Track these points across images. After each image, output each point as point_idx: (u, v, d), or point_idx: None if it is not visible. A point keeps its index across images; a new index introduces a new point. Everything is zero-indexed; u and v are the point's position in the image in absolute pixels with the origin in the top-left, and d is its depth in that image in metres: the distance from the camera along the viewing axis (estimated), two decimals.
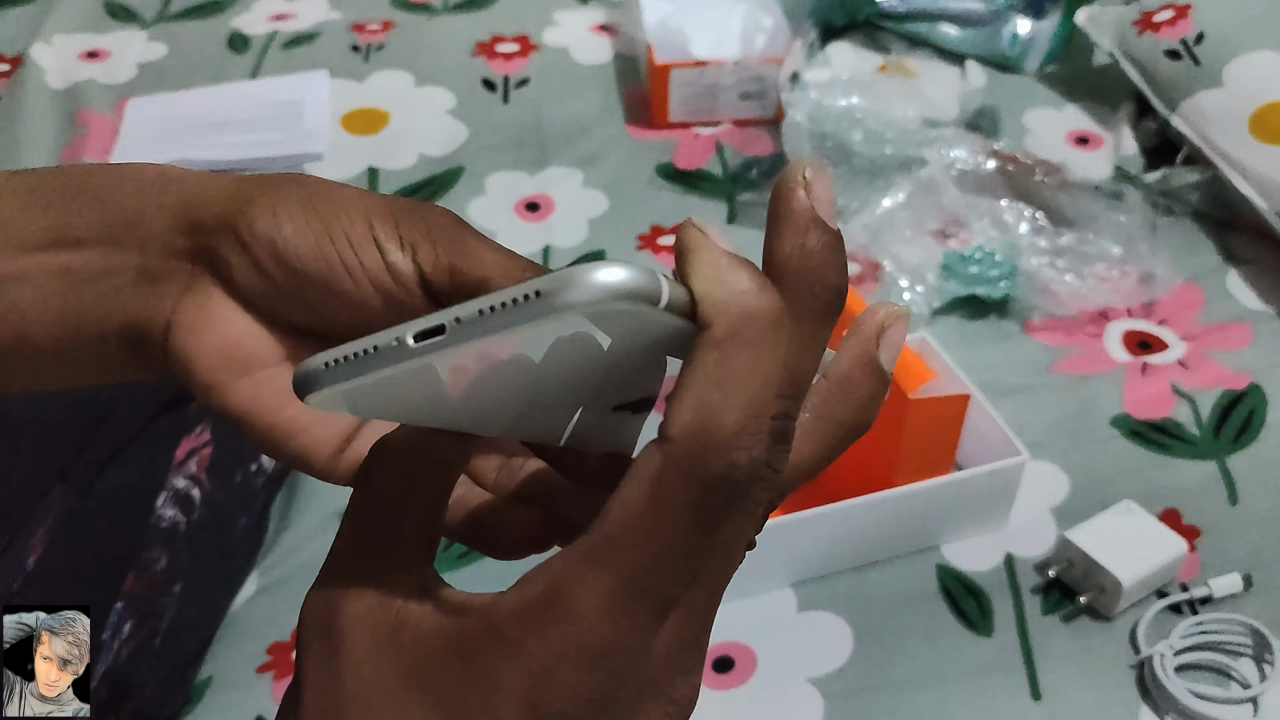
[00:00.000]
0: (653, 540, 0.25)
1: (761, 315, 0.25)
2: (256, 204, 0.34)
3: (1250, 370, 0.88)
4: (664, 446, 0.25)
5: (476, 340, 0.25)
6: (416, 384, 0.27)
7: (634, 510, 0.25)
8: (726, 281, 0.25)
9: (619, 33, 1.30)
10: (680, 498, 0.25)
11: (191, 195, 0.35)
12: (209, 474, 0.73)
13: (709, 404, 0.25)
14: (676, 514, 0.25)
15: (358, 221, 0.33)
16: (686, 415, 0.25)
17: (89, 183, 0.36)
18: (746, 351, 0.25)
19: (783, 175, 0.27)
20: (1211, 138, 1.01)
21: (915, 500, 0.74)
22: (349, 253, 0.33)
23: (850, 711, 0.68)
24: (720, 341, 0.25)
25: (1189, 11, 1.08)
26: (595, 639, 0.26)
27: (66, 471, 0.67)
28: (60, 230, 0.35)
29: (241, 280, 0.34)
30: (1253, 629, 0.70)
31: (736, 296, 0.25)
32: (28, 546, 0.63)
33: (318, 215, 0.34)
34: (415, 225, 0.34)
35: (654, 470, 0.25)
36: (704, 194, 1.09)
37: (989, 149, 1.02)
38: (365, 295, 0.34)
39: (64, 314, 0.35)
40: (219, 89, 1.22)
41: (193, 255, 0.35)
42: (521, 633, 0.26)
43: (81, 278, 0.35)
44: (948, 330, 0.93)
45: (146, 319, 0.35)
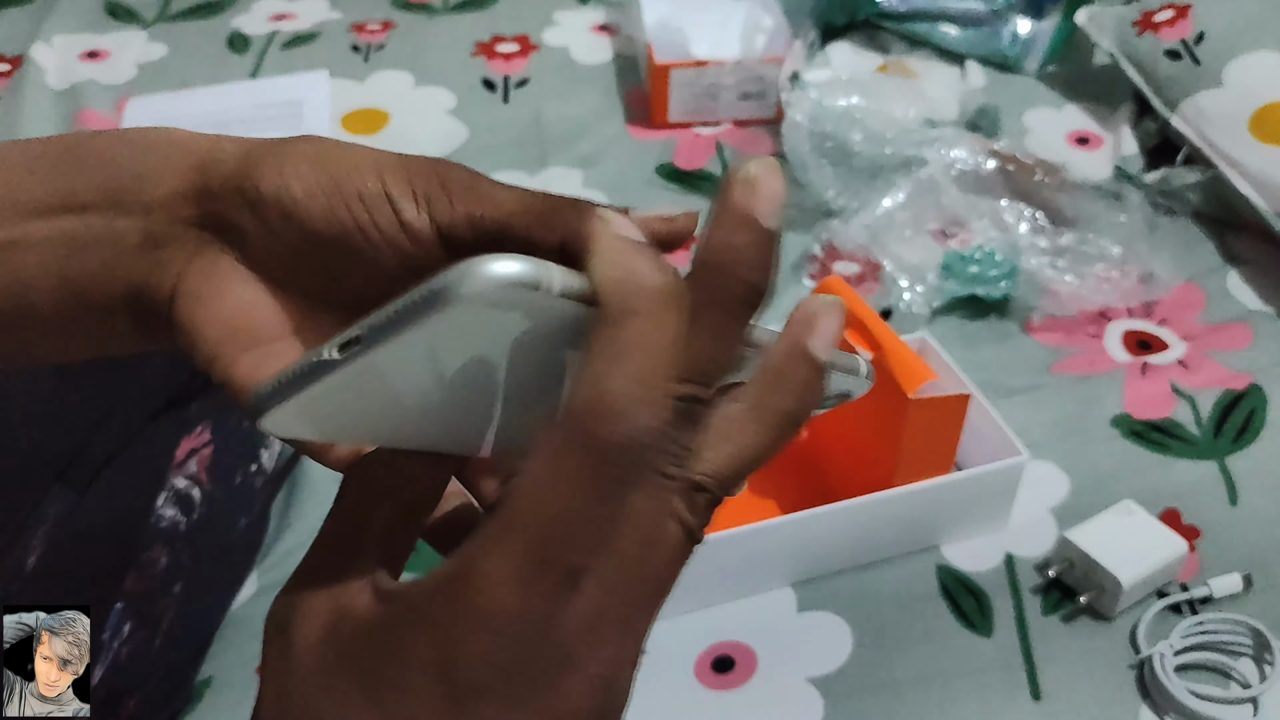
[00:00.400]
0: (551, 508, 0.26)
1: (652, 291, 0.26)
2: (264, 165, 0.33)
3: (1250, 370, 0.88)
4: (561, 419, 0.26)
5: (390, 342, 0.26)
6: (357, 398, 0.28)
7: (534, 481, 0.26)
8: (621, 263, 0.26)
9: (619, 33, 1.30)
10: (575, 465, 0.26)
11: (198, 158, 0.34)
12: (209, 474, 0.73)
13: (599, 375, 0.26)
14: (573, 481, 0.26)
15: (369, 178, 0.33)
16: (580, 389, 0.26)
17: (94, 146, 0.35)
18: (636, 324, 0.26)
19: (730, 170, 0.28)
20: (1211, 138, 1.01)
21: (915, 500, 0.74)
22: (361, 211, 0.33)
23: (850, 711, 0.68)
24: (612, 317, 0.26)
25: (1189, 11, 1.08)
26: (500, 607, 0.26)
27: (66, 471, 0.67)
28: (64, 195, 0.34)
29: (251, 245, 0.34)
30: (1253, 629, 0.70)
31: (629, 275, 0.26)
32: (28, 546, 0.63)
33: (328, 174, 0.33)
34: (429, 178, 0.33)
35: (552, 443, 0.26)
36: (704, 194, 1.09)
37: (989, 149, 1.01)
38: (380, 255, 0.33)
39: (66, 280, 0.35)
40: (219, 89, 1.22)
41: (200, 220, 0.34)
42: (433, 606, 0.27)
43: (84, 242, 0.34)
44: (948, 330, 0.93)
45: (152, 286, 0.35)
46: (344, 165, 0.33)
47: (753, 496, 0.80)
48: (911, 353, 0.73)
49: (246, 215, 0.33)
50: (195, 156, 0.34)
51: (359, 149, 0.34)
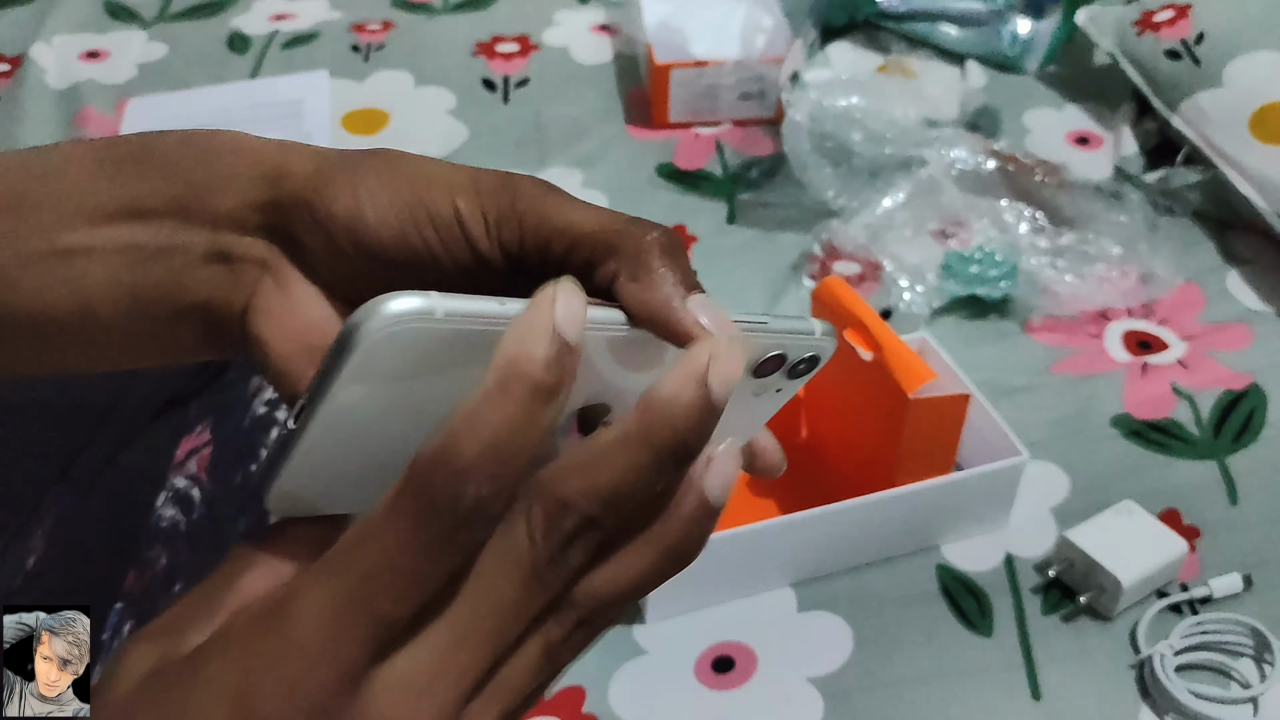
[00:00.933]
0: (376, 552, 0.26)
1: (529, 379, 0.26)
2: (336, 183, 0.32)
3: (1250, 370, 0.88)
4: (410, 463, 0.26)
5: (328, 396, 0.27)
6: (336, 460, 0.28)
7: (367, 522, 0.26)
8: (524, 339, 0.26)
9: (619, 33, 1.30)
10: (409, 514, 0.25)
11: (268, 168, 0.33)
12: (209, 474, 0.73)
13: (454, 432, 0.25)
14: (403, 529, 0.25)
15: (442, 202, 0.32)
16: (434, 439, 0.26)
17: (158, 148, 0.34)
18: (504, 401, 0.26)
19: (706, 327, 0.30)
20: (1211, 138, 1.01)
21: (915, 500, 0.74)
22: (433, 235, 0.32)
23: (850, 711, 0.68)
24: (489, 382, 0.26)
25: (1189, 11, 1.08)
26: (309, 644, 0.25)
27: (66, 471, 0.67)
28: (129, 200, 0.34)
29: (318, 261, 0.33)
30: (1253, 629, 0.70)
31: (523, 353, 0.26)
32: (28, 546, 0.63)
33: (401, 195, 0.32)
34: (500, 200, 0.32)
35: (394, 487, 0.26)
36: (704, 194, 1.09)
37: (989, 149, 1.01)
38: (447, 276, 0.32)
39: (132, 291, 0.34)
40: (219, 89, 1.22)
41: (269, 233, 0.33)
42: (245, 635, 0.26)
43: (149, 253, 0.34)
44: (948, 330, 0.93)
45: (221, 300, 0.34)
46: (416, 187, 0.32)
47: (753, 496, 0.80)
48: (911, 353, 0.73)
49: (315, 233, 0.33)
50: (264, 166, 0.33)
51: (432, 166, 0.33)
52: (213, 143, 0.34)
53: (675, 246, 0.31)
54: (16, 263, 0.34)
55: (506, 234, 0.32)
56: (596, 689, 0.69)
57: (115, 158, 0.34)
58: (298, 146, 0.34)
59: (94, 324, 0.35)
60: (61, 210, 0.34)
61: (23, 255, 0.34)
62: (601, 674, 0.69)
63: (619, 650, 0.71)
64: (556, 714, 0.67)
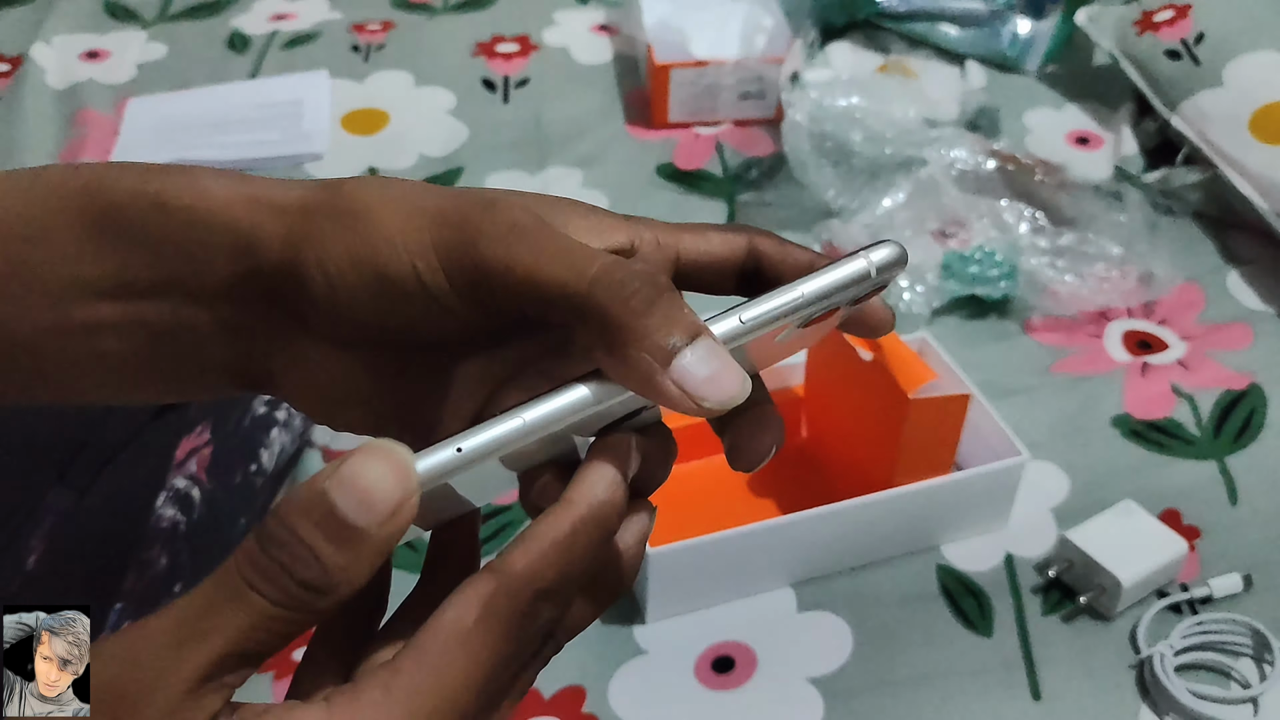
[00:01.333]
0: (473, 663, 0.29)
1: (608, 528, 0.31)
2: (303, 257, 0.32)
3: (1250, 370, 0.88)
4: (497, 577, 0.30)
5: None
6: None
7: (457, 634, 0.29)
8: (611, 487, 0.31)
9: (619, 33, 1.30)
10: (501, 631, 0.29)
11: (240, 238, 0.33)
12: (209, 474, 0.73)
13: (545, 558, 0.30)
14: (496, 643, 0.29)
15: (402, 270, 0.32)
16: (520, 557, 0.30)
17: (134, 217, 0.34)
18: (587, 545, 0.31)
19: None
20: (1211, 138, 1.01)
21: (915, 500, 0.74)
22: (403, 308, 0.32)
23: (850, 711, 0.68)
24: (576, 519, 0.31)
25: (1189, 11, 1.08)
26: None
27: (66, 472, 0.67)
28: (122, 275, 0.34)
29: (316, 320, 0.33)
30: (1253, 629, 0.70)
31: (611, 502, 0.31)
32: (28, 546, 0.63)
33: (363, 270, 0.32)
34: (463, 256, 0.31)
35: (479, 600, 0.30)
36: (704, 194, 1.09)
37: (989, 149, 1.02)
38: (434, 326, 0.33)
39: (153, 361, 0.35)
40: (219, 89, 1.22)
41: (263, 300, 0.33)
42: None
43: (161, 329, 0.34)
44: (948, 330, 0.93)
45: (242, 369, 0.35)
46: (378, 253, 0.32)
47: (753, 496, 0.80)
48: (911, 353, 0.73)
49: (302, 299, 0.33)
50: (236, 236, 0.33)
51: (391, 220, 0.32)
52: (184, 207, 0.33)
53: (652, 297, 0.30)
54: (33, 334, 0.34)
55: (477, 294, 0.32)
56: (596, 689, 0.69)
57: (96, 225, 0.34)
58: (265, 200, 0.33)
59: (125, 384, 0.36)
60: (59, 282, 0.34)
61: (38, 328, 0.34)
62: (601, 674, 0.69)
63: (619, 650, 0.71)
64: (556, 714, 0.67)
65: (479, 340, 0.35)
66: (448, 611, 0.29)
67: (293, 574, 0.27)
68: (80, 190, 0.34)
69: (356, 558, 0.28)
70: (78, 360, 0.35)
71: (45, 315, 0.34)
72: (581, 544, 0.30)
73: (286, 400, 0.35)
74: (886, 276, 0.33)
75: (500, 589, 0.29)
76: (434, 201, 0.32)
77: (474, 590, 0.29)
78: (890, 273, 0.33)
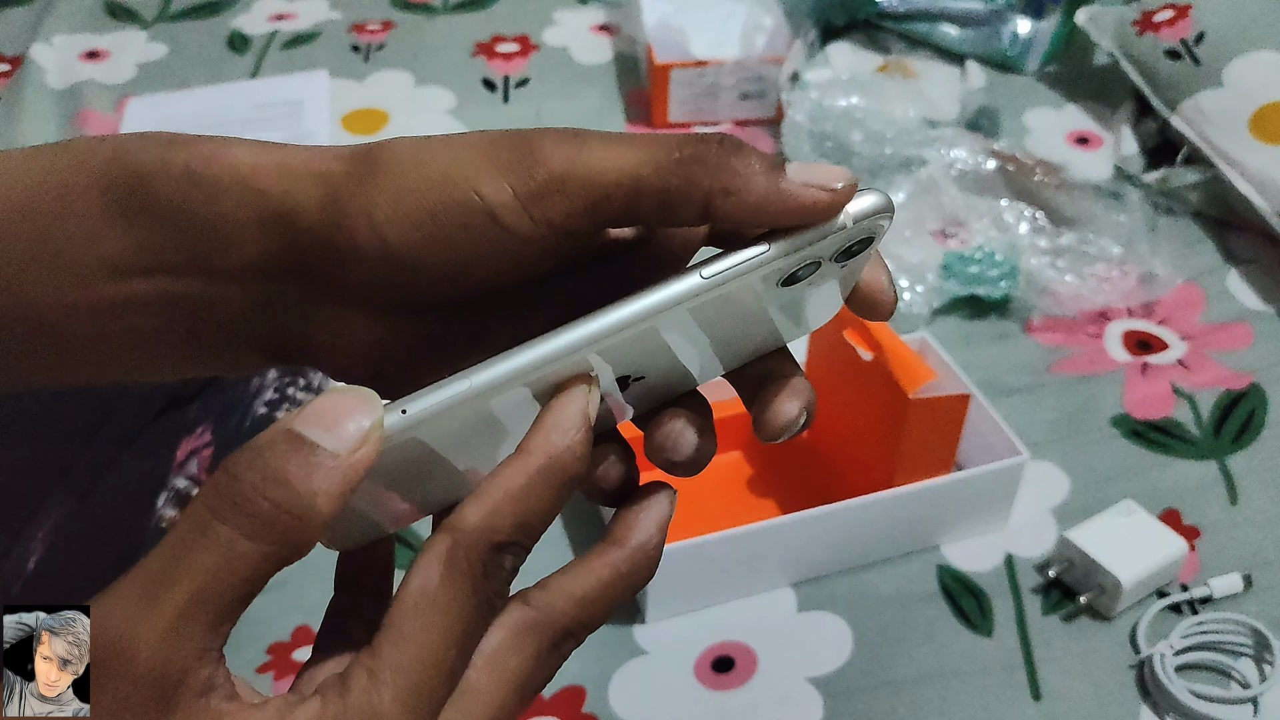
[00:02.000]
0: (449, 620, 0.29)
1: (569, 473, 0.30)
2: (348, 213, 0.31)
3: (1250, 370, 0.88)
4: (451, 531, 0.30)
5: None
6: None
7: (424, 593, 0.29)
8: (566, 429, 0.30)
9: (619, 33, 1.30)
10: (463, 584, 0.29)
11: (273, 207, 0.31)
12: (210, 474, 0.73)
13: (498, 510, 0.30)
14: (462, 598, 0.29)
15: (465, 200, 0.30)
16: (477, 510, 0.30)
17: (160, 189, 0.32)
18: (544, 491, 0.30)
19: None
20: (1211, 138, 1.01)
21: (915, 500, 0.74)
22: (464, 237, 0.30)
23: (850, 711, 0.68)
24: (532, 467, 0.30)
25: (1189, 11, 1.08)
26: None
27: (68, 472, 0.67)
28: (146, 252, 0.33)
29: (355, 293, 0.32)
30: (1253, 629, 0.70)
31: (567, 448, 0.30)
32: (29, 547, 0.63)
33: (419, 208, 0.30)
34: (524, 171, 0.30)
35: (437, 555, 0.29)
36: None
37: (989, 149, 1.02)
38: (494, 265, 0.31)
39: (188, 338, 0.34)
40: (219, 89, 1.22)
41: (299, 274, 0.32)
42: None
43: (191, 305, 0.33)
44: (948, 330, 0.93)
45: (277, 342, 0.34)
46: (432, 191, 0.30)
47: (753, 496, 0.80)
48: (911, 353, 0.73)
49: (341, 265, 0.31)
50: (269, 204, 0.32)
51: (440, 158, 0.31)
52: (210, 179, 0.32)
53: (737, 144, 0.31)
54: (60, 312, 0.33)
55: (548, 208, 0.30)
56: (596, 689, 0.69)
57: (122, 200, 0.32)
58: (297, 165, 0.32)
59: (155, 362, 0.35)
60: (86, 259, 0.33)
61: (65, 306, 0.33)
62: (601, 674, 0.69)
63: (619, 650, 0.71)
64: (556, 714, 0.67)
65: (526, 290, 0.33)
66: (412, 580, 0.29)
67: (263, 495, 0.27)
68: (106, 163, 0.33)
69: (326, 482, 0.27)
70: (107, 338, 0.34)
71: (73, 293, 0.33)
72: (538, 493, 0.30)
73: (323, 370, 0.34)
74: (867, 225, 0.30)
75: (457, 544, 0.29)
76: (477, 137, 0.31)
77: (432, 552, 0.29)
78: (871, 221, 0.30)
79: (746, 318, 0.32)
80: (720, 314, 0.31)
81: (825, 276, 0.32)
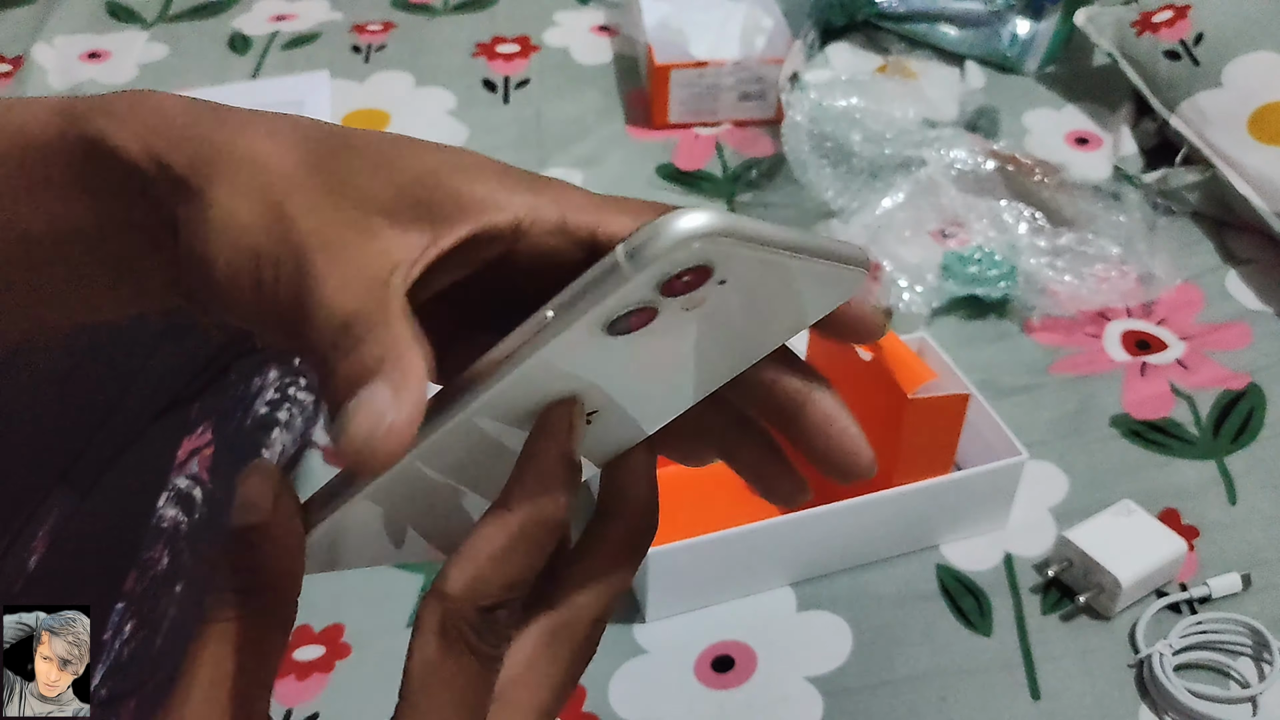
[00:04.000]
0: (450, 690, 0.30)
1: (553, 528, 0.30)
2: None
3: (1249, 370, 0.89)
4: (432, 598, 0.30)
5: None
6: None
7: (426, 663, 0.30)
8: (549, 484, 0.30)
9: (619, 33, 1.30)
10: (456, 653, 0.30)
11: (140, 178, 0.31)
12: (211, 474, 0.73)
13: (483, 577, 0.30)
14: (458, 668, 0.30)
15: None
16: (460, 571, 0.30)
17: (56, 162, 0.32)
18: (530, 549, 0.30)
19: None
20: (1210, 138, 1.01)
21: (915, 500, 0.74)
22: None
23: (850, 711, 0.68)
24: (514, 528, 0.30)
25: (1188, 12, 1.08)
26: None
27: (68, 472, 0.67)
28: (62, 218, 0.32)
29: None
30: (1252, 629, 0.70)
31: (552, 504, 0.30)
32: (29, 547, 0.63)
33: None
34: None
35: (427, 624, 0.30)
36: (704, 194, 1.09)
37: (988, 149, 1.02)
38: None
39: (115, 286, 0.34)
40: (219, 89, 1.22)
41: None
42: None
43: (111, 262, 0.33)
44: (947, 330, 0.93)
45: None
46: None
47: (753, 496, 0.79)
48: (911, 353, 0.73)
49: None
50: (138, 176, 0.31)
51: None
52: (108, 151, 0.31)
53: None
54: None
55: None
56: (596, 689, 0.69)
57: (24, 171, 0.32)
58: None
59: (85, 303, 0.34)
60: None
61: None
62: (601, 674, 0.70)
63: (619, 650, 0.71)
64: None
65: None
66: (414, 655, 0.30)
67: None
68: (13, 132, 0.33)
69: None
70: (38, 287, 0.34)
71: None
72: (522, 550, 0.30)
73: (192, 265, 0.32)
74: (674, 260, 0.23)
75: (448, 613, 0.30)
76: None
77: (426, 625, 0.30)
78: (673, 255, 0.23)
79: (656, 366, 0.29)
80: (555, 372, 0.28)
81: (667, 324, 0.26)
